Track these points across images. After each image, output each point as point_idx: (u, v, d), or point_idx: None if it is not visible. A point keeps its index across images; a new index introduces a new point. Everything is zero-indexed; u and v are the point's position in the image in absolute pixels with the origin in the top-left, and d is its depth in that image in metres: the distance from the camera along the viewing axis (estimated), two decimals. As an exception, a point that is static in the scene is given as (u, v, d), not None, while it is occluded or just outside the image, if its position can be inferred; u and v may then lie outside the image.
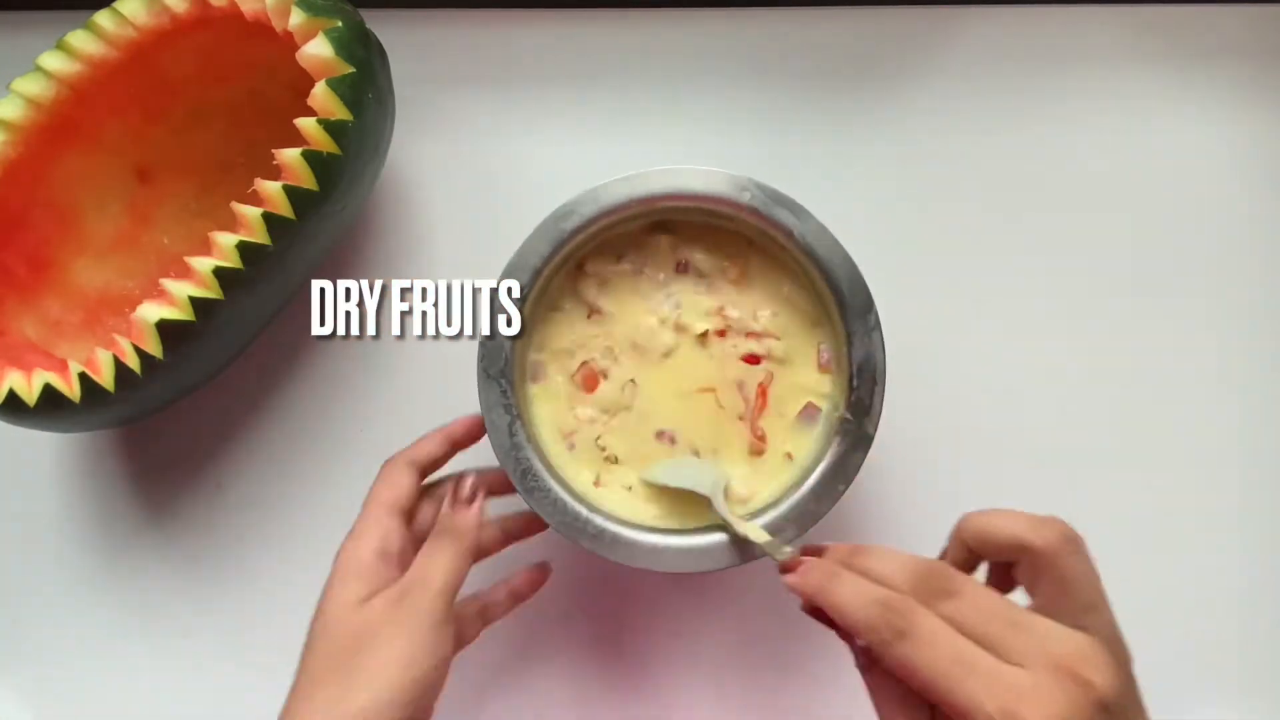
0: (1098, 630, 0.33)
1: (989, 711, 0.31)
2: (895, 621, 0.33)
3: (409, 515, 0.46)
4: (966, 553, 0.36)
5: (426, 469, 0.47)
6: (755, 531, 0.45)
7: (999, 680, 0.31)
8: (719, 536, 0.46)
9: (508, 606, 0.49)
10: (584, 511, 0.46)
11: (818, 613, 0.37)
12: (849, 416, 0.47)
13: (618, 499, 0.49)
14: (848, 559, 0.37)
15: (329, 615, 0.42)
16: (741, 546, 0.46)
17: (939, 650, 0.32)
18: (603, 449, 0.49)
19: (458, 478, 0.45)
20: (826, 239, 0.47)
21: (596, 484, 0.49)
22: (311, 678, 0.41)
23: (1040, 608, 0.34)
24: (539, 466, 0.46)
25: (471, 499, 0.44)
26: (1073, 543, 0.34)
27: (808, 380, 0.49)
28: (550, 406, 0.50)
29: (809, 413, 0.49)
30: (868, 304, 0.47)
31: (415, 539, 0.46)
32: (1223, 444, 0.56)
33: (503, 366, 0.47)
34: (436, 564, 0.42)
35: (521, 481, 0.46)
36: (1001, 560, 0.36)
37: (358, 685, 0.39)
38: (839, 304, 0.47)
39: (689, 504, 0.48)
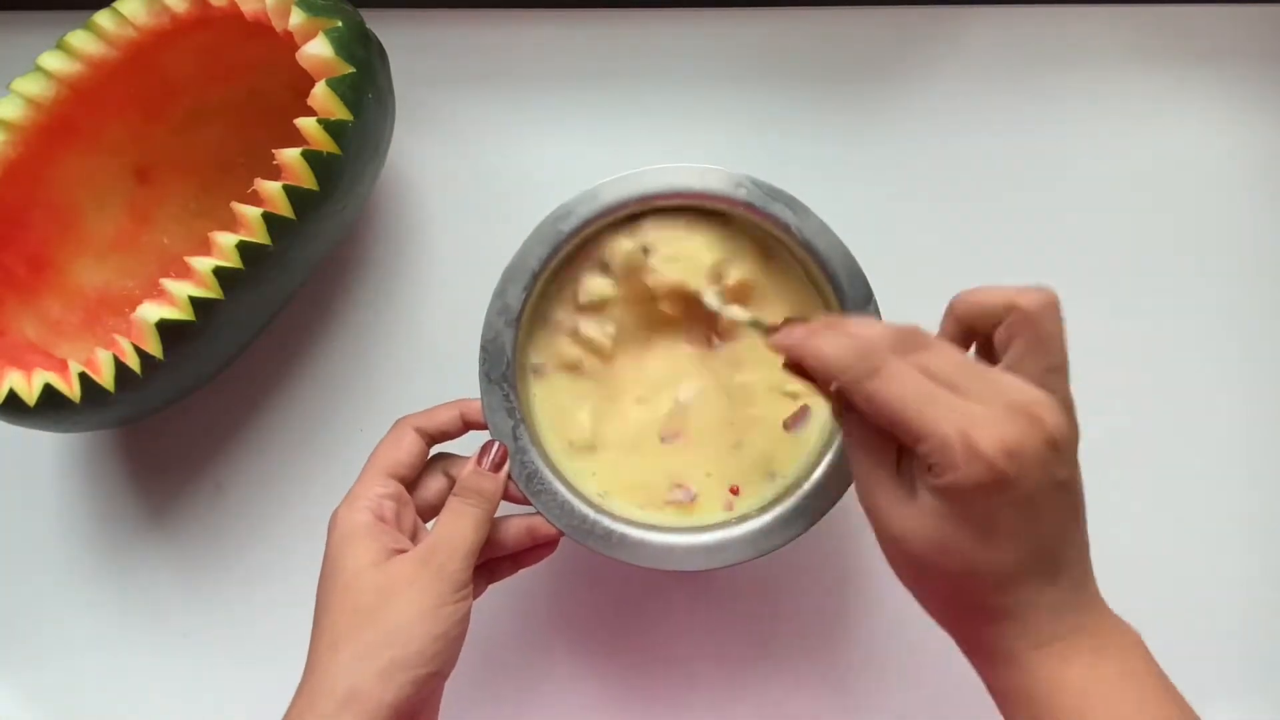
0: (1057, 390, 0.36)
1: (944, 432, 0.34)
2: (867, 361, 0.36)
3: (409, 481, 0.46)
4: (959, 327, 0.40)
5: (435, 438, 0.47)
6: (738, 312, 0.47)
7: (956, 409, 0.35)
8: (727, 533, 0.46)
9: (512, 570, 0.49)
10: (591, 513, 0.46)
11: (797, 369, 0.39)
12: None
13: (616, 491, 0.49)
14: (827, 325, 0.39)
15: (346, 576, 0.42)
16: (752, 542, 0.46)
17: (905, 385, 0.35)
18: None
19: (487, 443, 0.46)
20: (824, 233, 0.47)
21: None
22: (333, 639, 0.41)
23: (1009, 365, 0.37)
24: (544, 470, 0.46)
25: (498, 466, 0.45)
26: (1054, 306, 0.37)
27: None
28: (552, 405, 0.50)
29: (800, 416, 0.49)
30: (867, 296, 0.47)
31: (418, 506, 0.46)
32: (1225, 442, 0.56)
33: (504, 370, 0.47)
34: (463, 525, 0.43)
35: (527, 485, 0.46)
36: (989, 326, 0.38)
37: (384, 641, 0.40)
38: (838, 296, 0.47)
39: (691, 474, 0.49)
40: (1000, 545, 0.35)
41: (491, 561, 0.48)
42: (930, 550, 0.36)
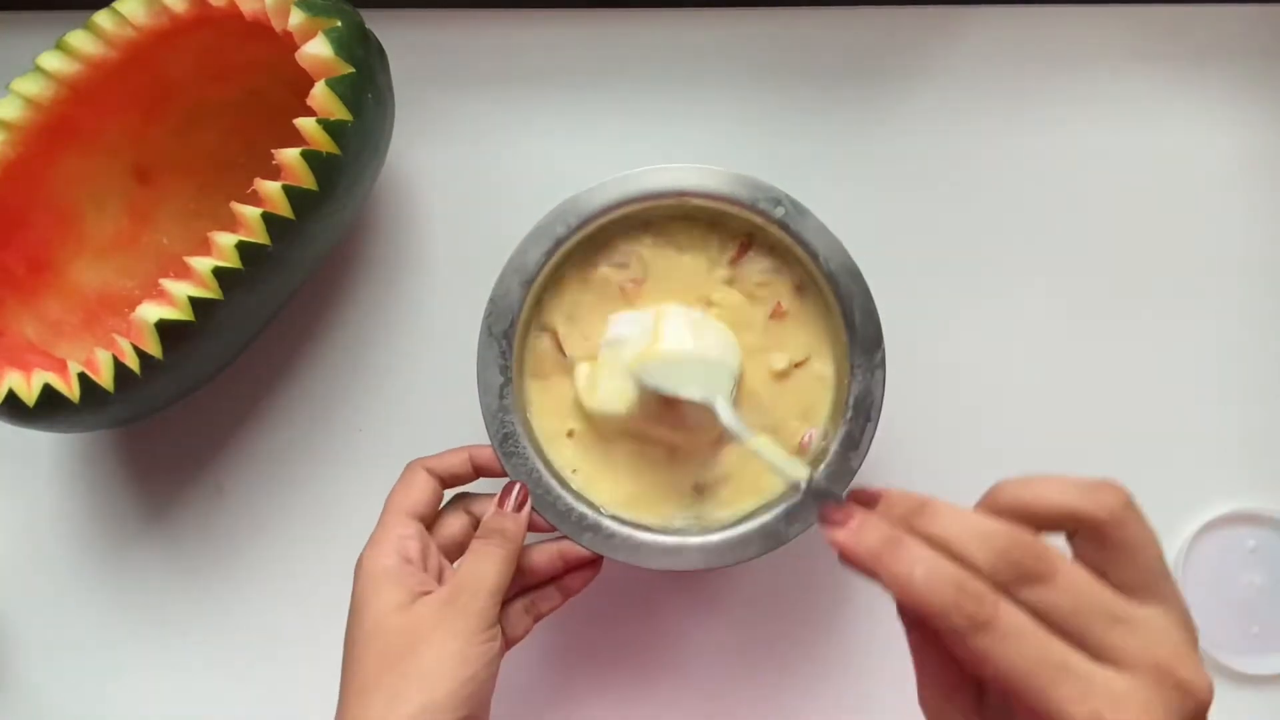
0: (1171, 601, 0.30)
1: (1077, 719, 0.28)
2: (974, 611, 0.28)
3: (428, 521, 0.46)
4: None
5: (446, 482, 0.47)
6: (771, 450, 0.39)
7: (1093, 685, 0.28)
8: (725, 534, 0.46)
9: (557, 602, 0.48)
10: (555, 486, 0.46)
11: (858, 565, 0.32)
12: (836, 448, 0.46)
13: (593, 473, 0.49)
14: (910, 518, 0.31)
15: (372, 621, 0.42)
16: (752, 542, 0.46)
17: (1025, 648, 0.28)
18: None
19: (508, 485, 0.46)
20: (822, 233, 0.47)
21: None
22: (363, 684, 0.41)
23: (1113, 586, 0.30)
24: (522, 435, 0.47)
25: (520, 506, 0.45)
26: (1134, 508, 0.31)
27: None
28: (551, 394, 0.50)
29: (808, 441, 0.49)
30: (877, 339, 0.47)
31: (440, 545, 0.46)
32: (1224, 443, 0.56)
33: (506, 328, 0.47)
34: (486, 566, 0.43)
35: (501, 445, 0.46)
36: (1047, 532, 0.31)
37: (412, 687, 0.40)
38: (837, 298, 0.47)
39: (662, 490, 0.48)
40: None
41: (535, 597, 0.47)
42: None
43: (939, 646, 0.31)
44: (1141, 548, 0.30)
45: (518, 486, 0.45)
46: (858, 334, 0.47)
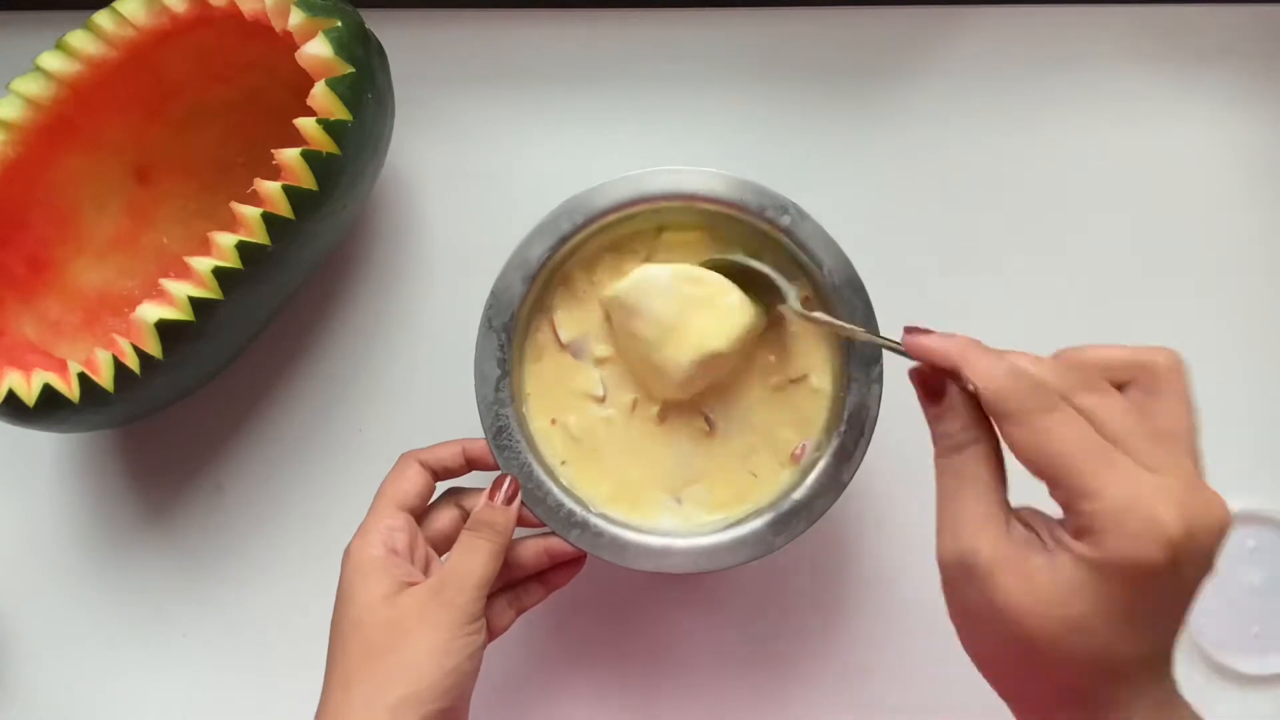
0: (1196, 457, 0.33)
1: (1120, 495, 0.30)
2: (1040, 395, 0.32)
3: (418, 513, 0.46)
4: None
5: (438, 474, 0.47)
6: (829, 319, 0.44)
7: (1137, 476, 0.31)
8: (721, 537, 0.46)
9: (540, 595, 0.48)
10: (546, 481, 0.47)
11: (925, 381, 0.35)
12: (828, 460, 0.46)
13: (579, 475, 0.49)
14: (984, 347, 0.35)
15: (358, 611, 0.42)
16: (749, 545, 0.46)
17: (1083, 434, 0.31)
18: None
19: (499, 477, 0.46)
20: (820, 236, 0.47)
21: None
22: (346, 673, 0.41)
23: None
24: (516, 429, 0.47)
25: (510, 499, 0.45)
26: (1186, 369, 0.34)
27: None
28: (545, 389, 0.50)
29: (802, 452, 0.49)
30: (876, 354, 0.46)
31: (429, 537, 0.46)
32: (1224, 443, 0.56)
33: (506, 321, 0.47)
34: (474, 559, 0.43)
35: (495, 438, 0.46)
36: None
37: (395, 677, 0.40)
38: (848, 348, 0.47)
39: (643, 490, 0.49)
40: (1141, 634, 0.31)
41: (519, 590, 0.48)
42: (1061, 629, 0.31)
43: (988, 463, 0.34)
44: (1184, 403, 0.34)
45: (509, 480, 0.46)
46: (857, 349, 0.47)
